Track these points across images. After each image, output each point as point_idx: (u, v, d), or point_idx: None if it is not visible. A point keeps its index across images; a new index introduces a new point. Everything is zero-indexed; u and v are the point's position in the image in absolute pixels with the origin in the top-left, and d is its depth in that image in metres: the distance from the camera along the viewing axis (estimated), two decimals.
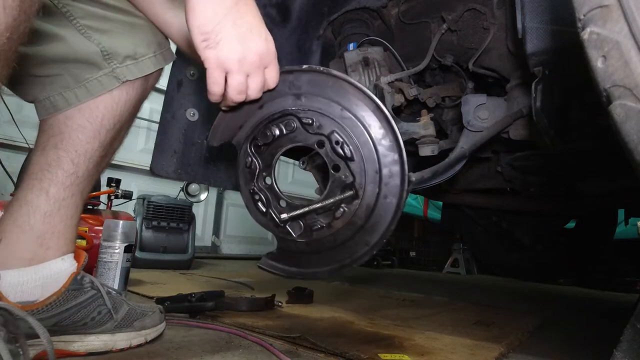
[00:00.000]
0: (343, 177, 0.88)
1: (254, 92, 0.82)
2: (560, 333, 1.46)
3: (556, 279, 3.55)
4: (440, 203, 2.85)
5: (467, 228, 2.72)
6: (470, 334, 1.21)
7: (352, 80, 0.88)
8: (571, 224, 2.48)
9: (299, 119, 0.89)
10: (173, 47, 1.01)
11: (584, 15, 0.52)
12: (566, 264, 2.50)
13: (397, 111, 1.28)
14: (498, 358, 1.02)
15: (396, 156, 0.86)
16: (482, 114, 1.13)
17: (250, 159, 0.94)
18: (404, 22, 1.40)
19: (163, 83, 1.30)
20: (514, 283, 3.35)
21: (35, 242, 0.81)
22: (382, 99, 1.15)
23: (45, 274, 0.81)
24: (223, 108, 0.90)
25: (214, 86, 0.77)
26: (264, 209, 0.96)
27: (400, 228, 5.60)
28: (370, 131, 0.87)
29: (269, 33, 0.79)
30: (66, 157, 0.84)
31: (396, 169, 0.86)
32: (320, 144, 0.89)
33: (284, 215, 0.93)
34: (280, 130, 0.91)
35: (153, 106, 3.54)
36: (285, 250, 0.97)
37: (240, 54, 0.75)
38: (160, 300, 1.24)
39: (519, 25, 0.94)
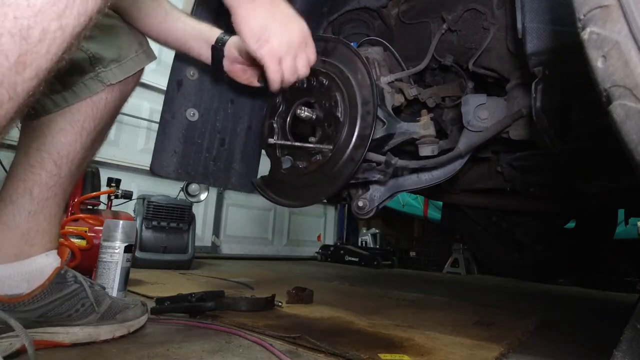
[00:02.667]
0: (330, 132, 1.04)
1: (303, 70, 0.94)
2: (560, 333, 1.46)
3: (556, 279, 3.55)
4: (440, 203, 2.84)
5: (467, 228, 2.72)
6: (470, 334, 1.21)
7: (361, 56, 1.03)
8: (571, 224, 2.48)
9: (317, 79, 1.05)
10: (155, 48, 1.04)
11: (584, 15, 0.52)
12: (566, 264, 2.50)
13: (397, 111, 1.28)
14: (498, 358, 1.02)
15: (369, 130, 0.99)
16: (482, 114, 1.14)
17: (278, 99, 1.13)
18: (404, 22, 1.39)
19: (163, 83, 1.30)
20: (514, 283, 3.35)
21: (20, 239, 0.85)
22: (382, 99, 1.15)
23: (31, 269, 0.85)
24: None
25: (275, 74, 0.90)
26: (273, 142, 1.14)
27: (400, 228, 5.64)
28: (360, 103, 1.01)
29: (299, 17, 0.90)
30: (49, 159, 0.87)
31: (367, 140, 1.00)
32: (325, 103, 1.05)
33: (271, 140, 1.13)
34: (301, 83, 1.06)
35: (153, 106, 3.54)
36: (273, 179, 1.18)
37: (287, 40, 0.88)
38: (160, 300, 1.24)
39: (519, 25, 0.94)
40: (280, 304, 1.42)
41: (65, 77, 0.86)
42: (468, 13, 1.24)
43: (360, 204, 1.13)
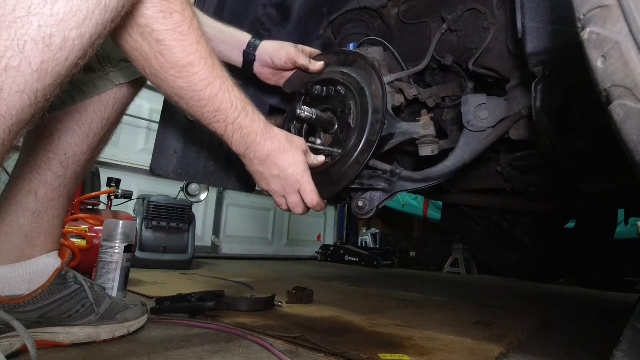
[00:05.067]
0: (342, 137, 1.09)
1: (298, 209, 1.01)
2: (560, 333, 1.46)
3: (556, 279, 3.55)
4: (440, 203, 2.85)
5: (467, 228, 2.72)
6: (470, 334, 1.21)
7: (378, 70, 1.08)
8: (571, 224, 2.48)
9: (336, 88, 1.10)
10: None
11: (584, 15, 0.52)
12: (566, 264, 2.50)
13: (397, 111, 1.28)
14: (498, 358, 1.02)
15: (375, 136, 1.02)
16: (482, 114, 1.13)
17: (299, 104, 1.13)
18: (404, 22, 1.40)
19: None
20: (514, 283, 3.35)
21: (23, 241, 0.85)
22: None
23: (32, 270, 0.85)
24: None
25: (281, 206, 1.01)
26: None
27: (400, 228, 5.64)
28: (371, 112, 1.05)
29: (291, 163, 0.93)
30: (55, 159, 0.87)
31: (373, 145, 1.03)
32: (340, 110, 1.10)
33: None
34: (321, 91, 1.11)
35: (153, 106, 3.55)
36: None
37: (282, 189, 0.95)
38: (160, 300, 1.24)
39: (519, 25, 0.94)
40: (280, 304, 1.42)
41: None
42: (468, 13, 1.24)
43: (360, 203, 1.13)
